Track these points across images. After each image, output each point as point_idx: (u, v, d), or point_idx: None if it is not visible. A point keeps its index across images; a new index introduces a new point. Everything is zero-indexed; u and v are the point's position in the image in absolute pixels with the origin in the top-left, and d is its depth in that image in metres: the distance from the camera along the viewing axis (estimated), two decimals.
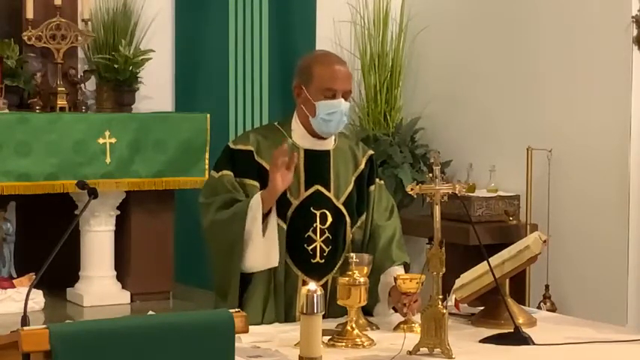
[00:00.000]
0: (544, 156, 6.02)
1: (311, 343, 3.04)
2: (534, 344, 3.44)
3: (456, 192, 3.42)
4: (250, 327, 3.00)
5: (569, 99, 6.07)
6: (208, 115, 6.03)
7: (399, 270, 3.89)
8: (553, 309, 5.79)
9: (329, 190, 3.96)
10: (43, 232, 5.49)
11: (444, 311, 3.28)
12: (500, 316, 3.68)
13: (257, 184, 3.87)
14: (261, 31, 6.84)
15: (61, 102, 5.94)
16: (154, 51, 6.24)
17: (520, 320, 3.65)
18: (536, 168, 6.05)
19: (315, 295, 3.03)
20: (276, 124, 4.06)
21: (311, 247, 3.89)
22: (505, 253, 3.82)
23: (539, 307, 5.72)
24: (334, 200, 3.96)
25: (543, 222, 5.98)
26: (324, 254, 3.92)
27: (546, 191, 6.02)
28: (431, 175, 3.40)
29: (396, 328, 3.68)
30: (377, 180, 4.12)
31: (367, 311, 3.85)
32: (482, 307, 3.87)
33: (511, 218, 6.17)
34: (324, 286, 3.89)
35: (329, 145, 4.01)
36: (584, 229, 5.95)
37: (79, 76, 6.20)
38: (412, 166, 6.72)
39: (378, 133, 6.85)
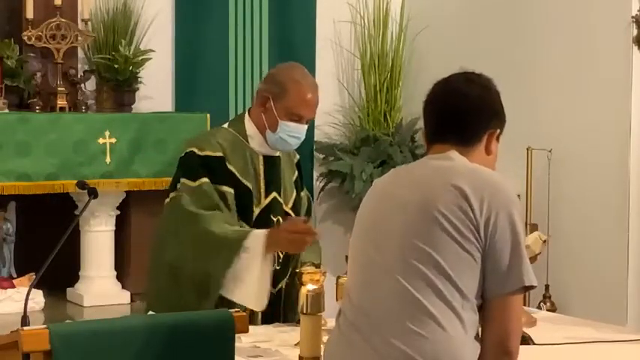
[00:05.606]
0: (544, 156, 6.02)
1: (311, 343, 3.04)
2: (534, 344, 3.44)
3: None
4: (250, 327, 3.00)
5: (569, 99, 6.06)
6: (208, 115, 6.03)
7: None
8: (553, 309, 5.78)
9: (281, 196, 3.91)
10: (43, 232, 5.49)
11: None
12: None
13: (232, 190, 3.77)
14: (261, 31, 6.83)
15: (61, 102, 5.94)
16: (154, 51, 6.24)
17: None
18: (536, 168, 6.05)
19: (315, 295, 3.03)
20: (230, 129, 3.92)
21: None
22: None
23: (539, 307, 5.71)
24: (284, 206, 3.92)
25: (543, 222, 5.97)
26: (280, 261, 3.84)
27: (546, 191, 6.01)
28: None
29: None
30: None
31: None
32: None
33: None
34: (279, 293, 3.85)
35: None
36: (584, 229, 5.94)
37: (79, 76, 6.20)
38: None
39: (378, 133, 6.84)
